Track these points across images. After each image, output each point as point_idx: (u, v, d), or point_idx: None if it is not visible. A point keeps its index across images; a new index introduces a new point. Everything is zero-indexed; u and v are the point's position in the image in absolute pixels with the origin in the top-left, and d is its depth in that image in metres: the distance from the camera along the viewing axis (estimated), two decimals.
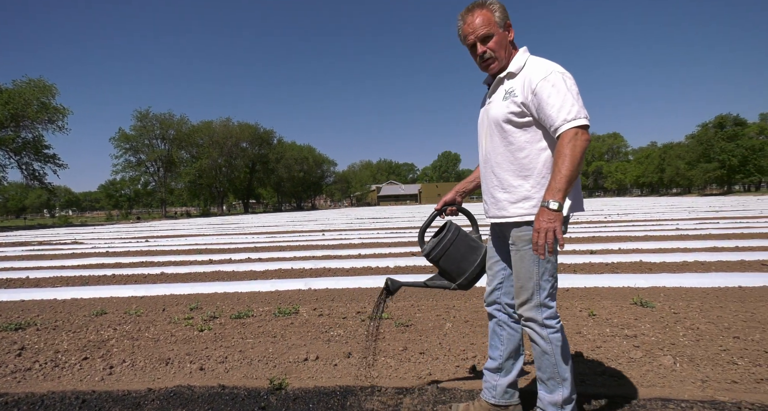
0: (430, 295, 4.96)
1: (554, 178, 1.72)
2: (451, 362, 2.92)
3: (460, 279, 2.15)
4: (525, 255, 1.89)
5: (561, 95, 1.75)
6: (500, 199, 1.95)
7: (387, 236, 12.74)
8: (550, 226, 1.68)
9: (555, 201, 1.69)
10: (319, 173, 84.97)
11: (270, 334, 3.64)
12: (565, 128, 1.73)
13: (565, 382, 1.89)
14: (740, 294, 4.32)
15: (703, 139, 62.63)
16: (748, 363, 2.67)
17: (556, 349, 1.88)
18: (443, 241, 2.13)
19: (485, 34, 1.89)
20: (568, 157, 1.69)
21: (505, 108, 1.89)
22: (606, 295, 4.54)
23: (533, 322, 1.90)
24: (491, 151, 1.98)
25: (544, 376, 1.92)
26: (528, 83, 1.83)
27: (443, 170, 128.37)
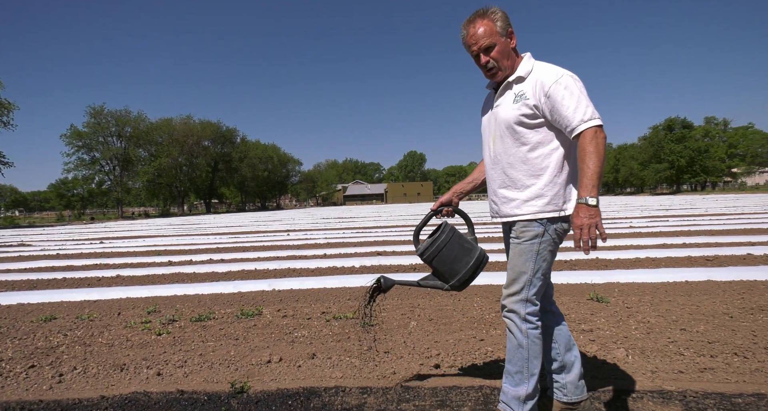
0: (395, 294, 4.98)
1: (585, 175, 1.78)
2: (415, 361, 2.94)
3: (453, 280, 2.15)
4: (525, 249, 1.95)
5: (575, 97, 1.83)
6: (513, 198, 2.00)
7: (353, 236, 12.71)
8: (592, 221, 1.75)
9: (592, 197, 1.75)
10: (284, 172, 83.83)
11: (232, 337, 3.56)
12: (583, 128, 1.81)
13: (532, 377, 1.94)
14: (687, 288, 4.55)
15: (654, 140, 65.69)
16: (693, 353, 2.82)
17: (531, 345, 1.94)
18: (437, 241, 2.14)
19: (488, 45, 1.95)
20: (594, 154, 1.76)
21: (517, 110, 1.94)
22: (565, 292, 4.69)
23: (515, 314, 1.96)
24: (502, 152, 2.03)
25: (513, 369, 1.97)
26: (540, 86, 1.89)
27: (409, 170, 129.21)
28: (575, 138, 1.84)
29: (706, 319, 3.50)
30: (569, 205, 1.94)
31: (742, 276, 4.89)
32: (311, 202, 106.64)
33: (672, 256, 6.44)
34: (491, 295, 4.71)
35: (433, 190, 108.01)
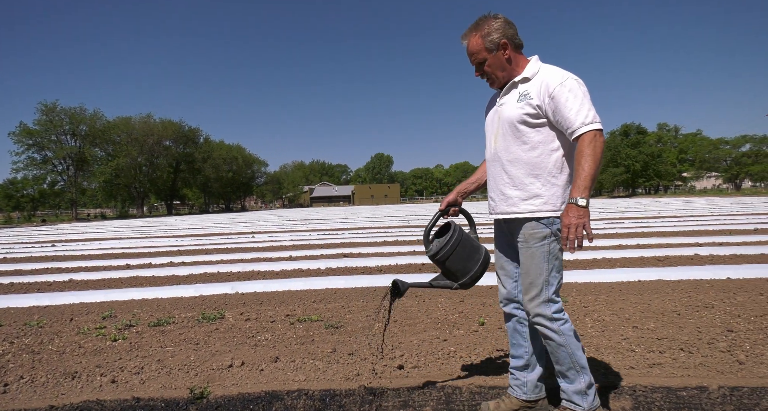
0: (361, 295, 4.99)
1: (579, 176, 1.83)
2: (379, 362, 2.95)
3: (465, 278, 2.18)
4: (536, 252, 1.98)
5: (578, 100, 1.88)
6: (511, 196, 2.04)
7: (319, 238, 12.62)
8: (580, 221, 1.80)
9: (582, 198, 1.81)
10: (249, 173, 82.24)
11: (192, 341, 3.48)
12: (583, 131, 1.85)
13: (583, 369, 1.98)
14: (639, 287, 4.76)
15: (611, 145, 68.28)
16: (643, 350, 2.95)
17: (569, 340, 1.97)
18: (450, 242, 2.15)
19: (479, 61, 2.04)
20: (590, 156, 1.81)
21: (520, 109, 1.98)
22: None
23: (542, 317, 1.99)
24: (503, 149, 2.06)
25: (564, 368, 2.00)
26: (545, 88, 1.93)
27: (376, 172, 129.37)
28: (575, 140, 1.89)
29: (656, 317, 3.67)
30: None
31: (690, 275, 5.16)
32: (277, 204, 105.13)
33: (626, 257, 6.71)
34: (455, 296, 4.78)
35: (400, 192, 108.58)
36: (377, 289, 5.31)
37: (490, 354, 3.02)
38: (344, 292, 5.22)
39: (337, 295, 5.09)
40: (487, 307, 4.27)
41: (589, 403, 1.97)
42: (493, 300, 4.50)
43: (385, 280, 5.71)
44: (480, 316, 3.94)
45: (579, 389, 1.98)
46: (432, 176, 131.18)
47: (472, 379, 2.61)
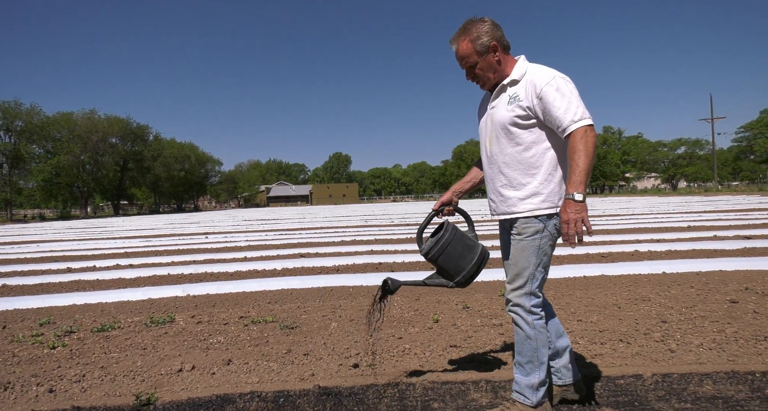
0: (316, 295, 4.96)
1: (574, 172, 1.87)
2: (334, 361, 2.96)
3: (458, 277, 2.19)
4: (527, 245, 2.03)
5: (566, 99, 1.91)
6: (510, 197, 2.07)
7: (276, 238, 12.43)
8: (579, 216, 1.85)
9: (579, 193, 1.86)
10: (203, 173, 79.70)
11: (139, 347, 3.35)
12: (573, 128, 1.89)
13: (542, 365, 2.04)
14: (584, 283, 5.00)
15: None
16: (586, 342, 3.11)
17: (538, 335, 2.03)
18: (441, 240, 2.16)
19: (470, 64, 2.07)
20: (582, 152, 1.85)
21: (511, 112, 2.02)
22: (479, 289, 4.95)
23: (520, 307, 2.04)
24: (498, 152, 2.10)
25: (523, 360, 2.06)
26: (533, 88, 1.97)
27: (334, 171, 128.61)
28: (566, 137, 1.93)
29: (598, 310, 3.87)
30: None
31: (630, 270, 5.46)
32: (232, 204, 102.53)
33: (573, 254, 7.02)
34: (411, 294, 4.85)
35: (358, 191, 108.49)
36: (333, 288, 5.30)
37: (444, 350, 3.08)
38: (300, 292, 5.18)
39: (294, 295, 5.04)
40: (442, 304, 4.35)
41: (537, 399, 2.04)
42: (447, 298, 4.60)
43: (343, 279, 5.71)
44: (435, 313, 4.01)
45: (532, 384, 2.04)
46: (390, 176, 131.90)
47: (425, 375, 2.66)
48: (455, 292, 4.85)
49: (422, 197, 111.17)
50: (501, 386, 2.46)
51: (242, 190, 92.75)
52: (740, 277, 4.83)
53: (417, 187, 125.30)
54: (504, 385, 2.46)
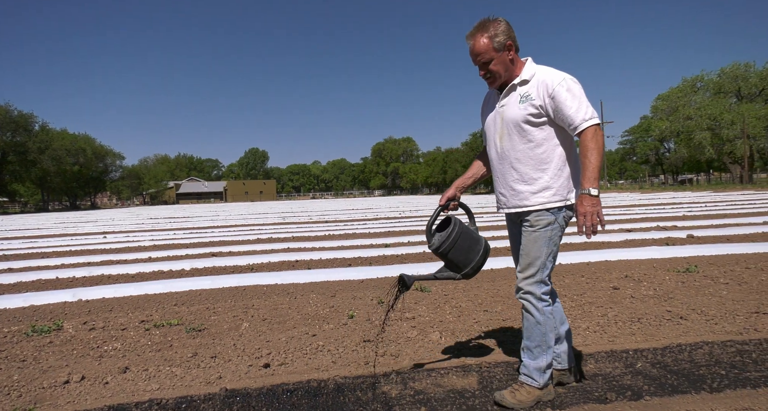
0: (228, 295, 4.76)
1: (587, 168, 2.00)
2: (244, 363, 2.86)
3: (467, 268, 2.28)
4: (540, 236, 2.13)
5: (577, 99, 2.04)
6: (522, 191, 2.16)
7: (185, 237, 11.74)
8: (594, 209, 1.98)
9: (594, 188, 1.99)
10: (101, 167, 72.75)
11: (17, 359, 2.98)
12: (584, 126, 2.02)
13: (548, 349, 2.16)
14: (492, 275, 5.30)
15: (474, 146, 74.95)
16: (491, 330, 3.30)
17: (547, 320, 2.15)
18: (451, 235, 2.24)
19: (485, 60, 2.13)
20: (595, 150, 1.99)
21: (524, 110, 2.11)
22: (395, 284, 5.03)
23: (531, 295, 2.15)
24: (510, 148, 2.19)
25: (532, 345, 2.17)
26: (544, 88, 2.08)
27: (251, 167, 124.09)
28: (577, 135, 2.05)
29: (503, 301, 4.12)
30: (572, 194, 2.15)
31: None
32: (137, 201, 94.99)
33: None
34: (327, 291, 4.82)
35: (276, 188, 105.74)
36: (246, 288, 5.12)
37: (357, 345, 3.11)
38: (210, 293, 4.94)
39: (203, 296, 4.79)
40: (357, 300, 4.38)
41: (544, 380, 2.17)
42: (362, 293, 4.63)
43: (257, 278, 5.53)
44: (350, 309, 4.03)
45: (540, 366, 2.17)
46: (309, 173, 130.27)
47: (338, 370, 2.66)
48: (372, 287, 4.91)
49: (342, 194, 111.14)
50: (411, 377, 2.53)
51: (148, 186, 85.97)
52: (622, 266, 5.40)
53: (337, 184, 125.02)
54: (414, 377, 2.54)
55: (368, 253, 7.39)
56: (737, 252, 5.90)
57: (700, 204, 16.42)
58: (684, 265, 5.19)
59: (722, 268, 4.95)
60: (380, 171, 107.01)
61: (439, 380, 2.48)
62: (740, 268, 4.94)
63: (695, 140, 42.43)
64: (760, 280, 4.36)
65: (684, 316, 3.36)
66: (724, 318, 3.30)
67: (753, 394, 2.15)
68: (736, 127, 40.50)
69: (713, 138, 42.69)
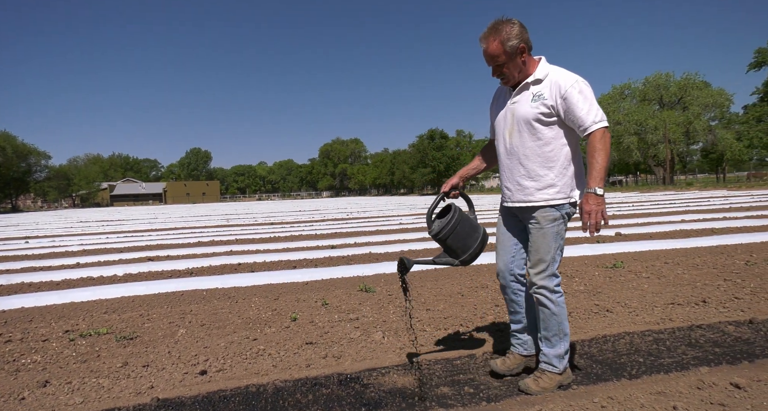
0: (164, 301, 4.55)
1: (594, 168, 2.08)
2: (179, 370, 2.74)
3: (464, 255, 2.35)
4: (547, 232, 2.22)
5: (588, 101, 2.11)
6: (528, 186, 2.24)
7: (119, 241, 11.10)
8: (599, 208, 2.08)
9: (600, 188, 2.08)
10: (24, 167, 67.34)
11: None
12: (594, 128, 2.10)
13: (565, 336, 2.27)
14: (435, 274, 5.41)
15: (420, 148, 76.12)
16: (433, 328, 3.37)
17: (561, 311, 2.25)
18: (451, 221, 2.30)
19: (497, 63, 2.19)
20: (602, 151, 2.08)
21: (536, 108, 2.18)
22: (339, 285, 5.03)
23: (545, 289, 2.24)
24: (519, 145, 2.25)
25: (550, 334, 2.27)
26: (557, 89, 2.15)
27: (192, 168, 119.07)
28: (586, 136, 2.13)
29: (445, 299, 4.21)
30: (575, 193, 2.24)
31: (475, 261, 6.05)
32: (65, 203, 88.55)
33: (428, 248, 7.54)
34: (270, 294, 4.73)
35: (220, 189, 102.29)
36: (184, 293, 4.93)
37: (299, 348, 3.07)
38: (145, 299, 4.70)
39: (136, 303, 4.55)
40: (301, 302, 4.33)
41: (563, 365, 2.28)
42: (306, 295, 4.58)
43: (196, 283, 5.34)
44: (293, 311, 3.97)
45: (559, 353, 2.27)
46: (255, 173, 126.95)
47: (278, 374, 2.61)
48: (316, 289, 4.87)
49: (289, 195, 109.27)
50: (352, 378, 2.54)
51: (78, 187, 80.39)
52: None
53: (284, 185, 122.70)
54: (356, 377, 2.54)
55: (314, 254, 7.32)
56: (658, 248, 6.37)
57: (628, 204, 17.60)
58: (612, 261, 5.54)
59: (645, 264, 5.33)
60: (328, 172, 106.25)
61: (380, 379, 2.50)
62: (660, 263, 5.34)
63: (624, 144, 45.35)
64: (676, 273, 4.74)
65: (609, 309, 3.59)
66: (644, 310, 3.56)
67: (666, 378, 2.33)
68: (659, 133, 43.75)
69: (640, 142, 45.85)
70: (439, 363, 2.68)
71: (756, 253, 5.58)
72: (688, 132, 44.15)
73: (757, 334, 2.92)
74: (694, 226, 8.69)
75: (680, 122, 43.43)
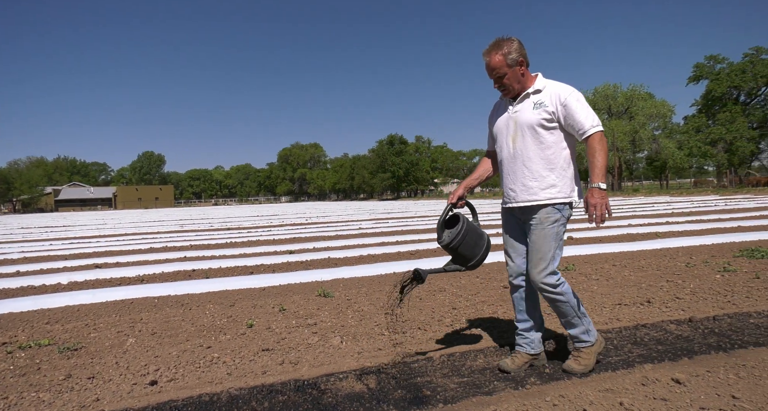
0: (112, 310, 4.34)
1: (596, 166, 2.31)
2: (127, 382, 2.62)
3: (473, 261, 2.49)
4: (548, 232, 2.39)
5: (585, 108, 2.36)
6: (532, 187, 2.41)
7: (64, 247, 10.54)
8: (603, 201, 2.29)
9: (603, 183, 2.30)
10: None
11: None
12: (592, 131, 2.33)
13: (583, 314, 2.49)
14: (394, 278, 5.43)
15: (380, 153, 76.56)
16: (391, 333, 3.36)
17: (570, 297, 2.44)
18: (461, 232, 2.43)
19: (499, 75, 2.41)
20: (602, 151, 2.32)
21: (538, 115, 2.38)
22: (297, 291, 4.96)
23: (548, 285, 2.39)
24: (522, 148, 2.44)
25: (570, 318, 2.46)
26: (557, 97, 2.37)
27: (145, 172, 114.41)
28: (585, 140, 2.35)
29: (403, 303, 4.23)
30: (574, 193, 2.44)
31: (432, 265, 6.13)
32: (5, 209, 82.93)
33: (387, 253, 7.58)
34: (225, 300, 4.61)
35: (174, 194, 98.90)
36: (135, 301, 4.73)
37: (255, 355, 3.01)
38: (91, 308, 4.48)
39: (82, 312, 4.33)
40: (258, 308, 4.24)
41: (594, 336, 2.50)
42: (263, 301, 4.50)
43: (148, 290, 5.14)
44: (250, 318, 3.89)
45: (584, 329, 2.47)
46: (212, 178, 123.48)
47: (233, 382, 2.55)
48: (273, 295, 4.79)
49: (247, 200, 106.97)
50: (311, 384, 2.51)
51: (19, 192, 75.47)
52: None
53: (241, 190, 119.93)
54: (314, 383, 2.51)
55: (272, 260, 7.20)
56: (607, 251, 6.68)
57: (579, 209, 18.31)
58: (564, 263, 5.75)
59: (594, 266, 5.57)
60: (287, 177, 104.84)
61: (338, 385, 2.49)
62: (609, 265, 5.60)
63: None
64: (623, 275, 4.98)
65: None
66: (594, 310, 3.71)
67: (613, 376, 2.44)
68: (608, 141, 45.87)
69: None
70: (396, 367, 2.69)
71: (695, 256, 5.95)
72: (635, 141, 46.47)
73: (696, 331, 3.10)
74: (640, 230, 9.16)
75: (627, 131, 45.68)
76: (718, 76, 45.74)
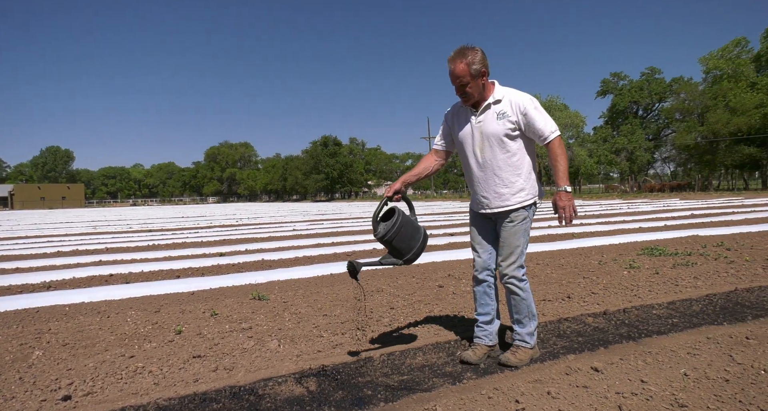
0: (14, 321, 3.90)
1: (560, 170, 2.48)
2: (34, 398, 2.37)
3: (408, 255, 2.54)
4: (518, 229, 2.57)
5: (543, 115, 2.52)
6: (504, 193, 2.56)
7: None
8: (570, 203, 2.47)
9: (568, 186, 2.50)
10: None
11: None
12: (552, 137, 2.49)
13: (534, 316, 2.65)
14: (331, 280, 5.38)
15: (314, 154, 75.77)
16: (330, 334, 3.34)
17: (528, 296, 2.62)
18: (396, 224, 2.46)
19: (462, 83, 2.47)
20: (562, 155, 2.50)
21: (503, 126, 2.51)
22: (229, 294, 4.76)
23: (515, 278, 2.59)
24: (491, 158, 2.55)
25: (521, 316, 2.63)
26: (517, 107, 2.50)
27: (49, 169, 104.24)
28: (546, 145, 2.50)
29: (342, 304, 4.21)
30: (539, 192, 2.62)
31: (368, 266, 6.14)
32: None
33: (323, 254, 7.50)
34: (149, 306, 4.31)
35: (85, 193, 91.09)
36: (41, 309, 4.30)
37: (185, 362, 2.83)
38: None
39: None
40: (187, 313, 4.01)
41: (534, 342, 2.66)
42: (192, 306, 4.26)
43: (56, 297, 4.70)
44: (178, 324, 3.67)
45: (530, 331, 2.64)
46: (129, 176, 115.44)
47: (161, 392, 2.38)
48: (203, 299, 4.55)
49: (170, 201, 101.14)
50: (248, 390, 2.41)
51: None
52: (446, 266, 6.01)
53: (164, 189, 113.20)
54: (251, 389, 2.42)
55: (201, 262, 6.86)
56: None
57: None
58: None
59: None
60: (215, 177, 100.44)
61: (276, 389, 2.41)
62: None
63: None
64: (546, 273, 5.30)
65: None
66: None
67: (541, 367, 2.58)
68: None
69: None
70: (337, 368, 2.66)
71: (605, 254, 6.47)
72: None
73: (610, 323, 3.37)
74: (558, 231, 9.80)
75: None
76: (621, 91, 50.48)
